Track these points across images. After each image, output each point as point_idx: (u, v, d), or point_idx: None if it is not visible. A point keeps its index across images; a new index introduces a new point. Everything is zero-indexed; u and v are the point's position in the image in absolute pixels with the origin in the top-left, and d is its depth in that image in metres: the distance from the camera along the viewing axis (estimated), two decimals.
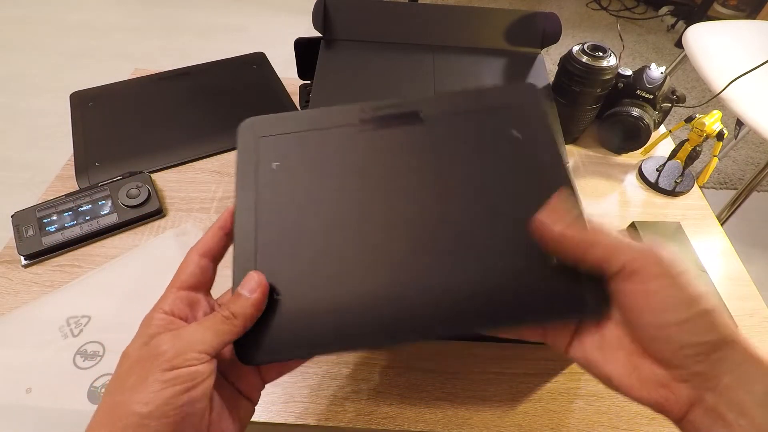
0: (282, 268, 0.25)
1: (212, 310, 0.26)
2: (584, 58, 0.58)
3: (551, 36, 0.63)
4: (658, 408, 0.21)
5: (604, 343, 0.23)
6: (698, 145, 0.60)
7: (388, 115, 0.30)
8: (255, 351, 0.23)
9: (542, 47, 0.64)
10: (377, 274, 0.25)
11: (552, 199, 0.24)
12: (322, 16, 0.61)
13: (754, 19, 1.82)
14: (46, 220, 0.50)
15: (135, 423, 0.20)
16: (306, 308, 0.24)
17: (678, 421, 0.21)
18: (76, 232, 0.50)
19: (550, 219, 0.23)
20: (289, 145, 0.29)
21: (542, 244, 0.24)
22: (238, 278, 0.25)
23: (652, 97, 0.62)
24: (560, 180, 0.27)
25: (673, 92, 0.65)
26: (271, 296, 0.24)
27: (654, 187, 0.62)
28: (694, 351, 0.20)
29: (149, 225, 0.53)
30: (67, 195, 0.53)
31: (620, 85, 0.63)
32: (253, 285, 0.24)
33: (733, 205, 1.01)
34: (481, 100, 0.30)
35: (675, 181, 0.62)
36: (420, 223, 0.26)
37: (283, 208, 0.27)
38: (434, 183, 0.28)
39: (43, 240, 0.49)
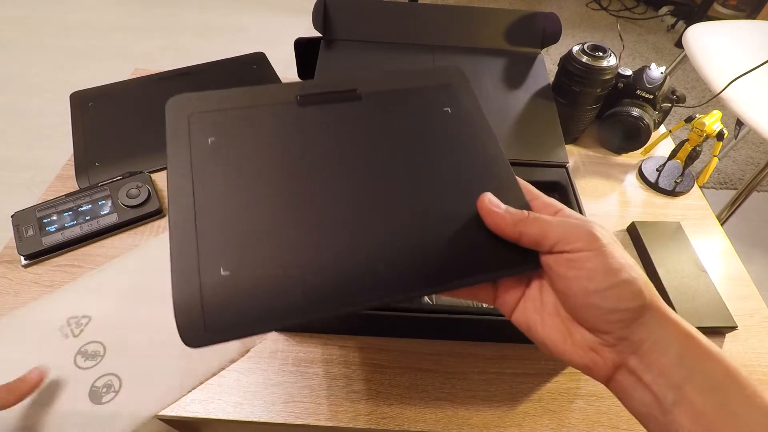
0: (225, 244, 0.24)
1: None
2: (584, 58, 0.58)
3: (551, 36, 0.63)
4: (587, 370, 0.24)
5: (543, 309, 0.25)
6: (698, 145, 0.60)
7: (326, 92, 0.30)
8: (201, 332, 0.22)
9: (542, 47, 0.64)
10: (325, 245, 0.25)
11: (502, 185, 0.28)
12: (322, 16, 0.61)
13: (754, 19, 1.82)
14: (46, 220, 0.50)
15: None
16: (253, 283, 0.23)
17: (605, 381, 0.24)
18: (76, 232, 0.50)
19: (495, 200, 0.26)
20: (223, 121, 0.28)
21: (486, 220, 0.26)
22: (177, 262, 0.23)
23: (652, 97, 0.62)
24: (492, 150, 0.29)
25: (673, 92, 0.65)
26: (216, 273, 0.23)
27: (654, 187, 0.62)
28: (617, 317, 0.22)
29: (149, 225, 0.53)
30: (67, 195, 0.53)
31: (620, 85, 0.63)
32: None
33: (733, 205, 1.01)
34: (414, 79, 0.32)
35: (675, 181, 0.62)
36: (364, 194, 0.27)
37: (221, 183, 0.26)
38: (375, 155, 0.28)
39: (43, 240, 0.49)
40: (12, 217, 0.50)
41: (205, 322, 0.22)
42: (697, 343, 0.21)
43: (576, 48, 0.60)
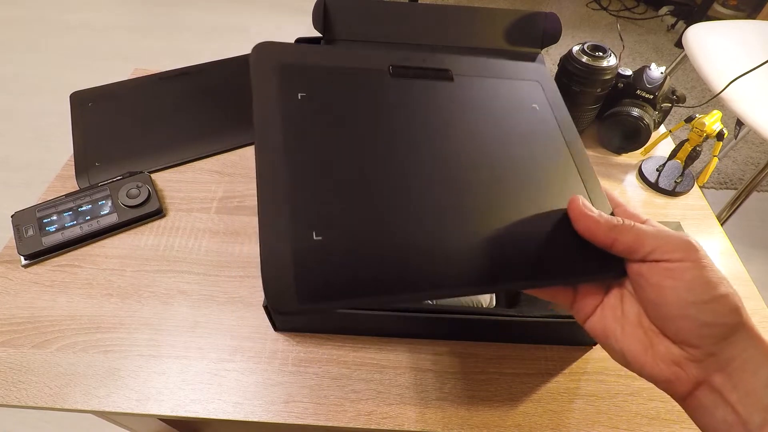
0: (318, 206, 0.23)
1: None
2: (584, 58, 0.58)
3: (551, 36, 0.63)
4: (667, 384, 0.23)
5: (624, 318, 0.25)
6: (698, 145, 0.60)
7: (420, 67, 0.30)
8: (294, 300, 0.20)
9: (542, 47, 0.64)
10: (415, 224, 0.24)
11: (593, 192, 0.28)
12: (322, 16, 0.61)
13: (754, 19, 1.82)
14: (46, 220, 0.50)
15: None
16: (346, 251, 0.22)
17: (682, 397, 0.23)
18: (76, 232, 0.50)
19: (588, 204, 0.25)
20: (314, 78, 0.27)
21: (577, 224, 0.25)
22: (266, 222, 0.22)
23: (652, 97, 0.62)
24: (578, 153, 0.29)
25: (673, 92, 0.65)
26: (309, 238, 0.22)
27: (654, 187, 0.62)
28: (711, 332, 0.22)
29: (149, 225, 0.53)
30: (67, 195, 0.53)
31: (620, 85, 0.63)
32: None
33: (733, 205, 1.01)
34: (504, 71, 0.32)
35: (675, 181, 0.62)
36: (453, 178, 0.26)
37: (312, 142, 0.25)
38: (464, 140, 0.28)
39: (43, 240, 0.49)
40: (12, 217, 0.50)
41: (297, 289, 0.21)
42: None
43: (576, 48, 0.60)
